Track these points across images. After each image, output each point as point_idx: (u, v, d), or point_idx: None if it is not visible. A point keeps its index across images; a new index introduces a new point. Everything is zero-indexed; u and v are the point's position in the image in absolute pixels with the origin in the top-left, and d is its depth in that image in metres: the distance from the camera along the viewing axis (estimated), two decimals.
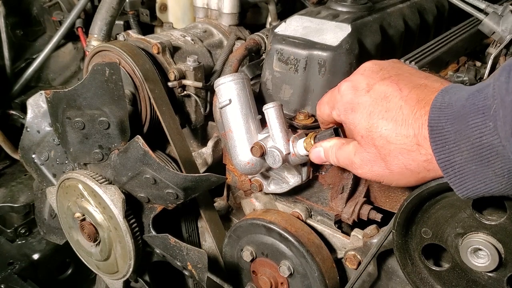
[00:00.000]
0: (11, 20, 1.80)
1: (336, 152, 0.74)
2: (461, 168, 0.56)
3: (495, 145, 0.52)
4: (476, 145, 0.53)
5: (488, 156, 0.53)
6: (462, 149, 0.55)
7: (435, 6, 1.16)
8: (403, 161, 0.62)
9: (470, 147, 0.54)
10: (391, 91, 0.63)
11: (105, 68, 0.90)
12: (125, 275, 1.08)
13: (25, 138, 1.23)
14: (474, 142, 0.54)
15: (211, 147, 1.14)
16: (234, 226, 1.04)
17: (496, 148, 0.52)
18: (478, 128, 0.53)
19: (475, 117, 0.53)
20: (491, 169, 0.54)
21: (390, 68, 0.67)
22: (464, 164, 0.55)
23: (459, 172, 0.56)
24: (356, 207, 0.93)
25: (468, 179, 0.56)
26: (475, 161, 0.54)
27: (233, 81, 0.88)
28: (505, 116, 0.50)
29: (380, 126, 0.63)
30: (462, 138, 0.55)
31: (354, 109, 0.67)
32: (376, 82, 0.65)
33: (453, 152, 0.56)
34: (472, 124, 0.54)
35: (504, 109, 0.51)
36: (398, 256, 0.75)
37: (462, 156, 0.55)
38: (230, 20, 1.24)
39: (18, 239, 1.59)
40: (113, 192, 0.99)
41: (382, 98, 0.63)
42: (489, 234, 0.64)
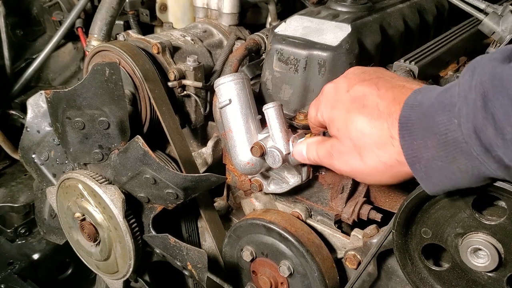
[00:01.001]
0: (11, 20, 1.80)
1: (316, 147, 0.76)
2: (428, 164, 0.58)
3: (459, 141, 0.54)
4: (442, 141, 0.55)
5: (453, 152, 0.55)
6: (429, 146, 0.56)
7: (435, 6, 1.16)
8: (377, 153, 0.63)
9: (437, 143, 0.56)
10: (369, 91, 0.65)
11: (105, 68, 0.90)
12: (125, 275, 1.08)
13: (25, 138, 1.23)
14: (440, 138, 0.55)
15: (211, 147, 1.14)
16: (234, 226, 1.04)
17: (460, 145, 0.54)
18: (444, 125, 0.55)
19: (442, 114, 0.55)
20: (455, 165, 0.55)
21: (372, 72, 0.70)
22: (431, 160, 0.57)
23: (425, 168, 0.58)
24: (356, 207, 0.93)
25: (434, 174, 0.58)
26: (441, 157, 0.56)
27: (233, 81, 0.88)
28: (468, 114, 0.52)
29: (356, 120, 0.65)
30: (429, 135, 0.56)
31: (334, 106, 0.70)
32: (356, 83, 0.68)
33: (420, 148, 0.58)
34: (438, 121, 0.55)
35: (467, 107, 0.52)
36: (398, 256, 0.75)
37: (428, 153, 0.57)
38: (230, 20, 1.24)
39: (18, 239, 1.59)
40: (113, 192, 0.99)
41: (360, 96, 0.66)
42: (489, 234, 0.64)
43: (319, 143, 0.76)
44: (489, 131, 0.51)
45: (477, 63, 0.54)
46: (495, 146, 0.51)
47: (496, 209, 0.65)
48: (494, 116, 0.50)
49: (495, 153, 0.52)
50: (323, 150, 0.75)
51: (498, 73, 0.51)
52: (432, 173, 0.58)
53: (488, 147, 0.52)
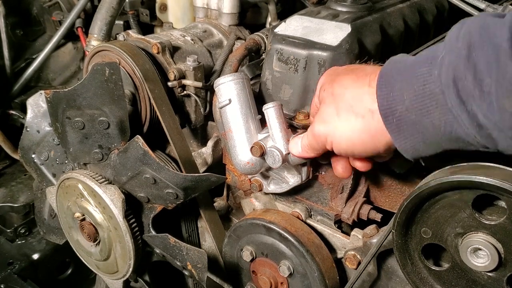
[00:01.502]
0: (11, 20, 1.80)
1: (308, 139, 0.77)
2: (401, 117, 0.58)
3: (436, 93, 0.54)
4: (419, 93, 0.55)
5: (428, 105, 0.55)
6: (405, 98, 0.57)
7: (435, 6, 1.16)
8: (352, 104, 0.64)
9: (413, 95, 0.56)
10: (353, 66, 0.71)
11: (105, 68, 0.90)
12: (125, 275, 1.08)
13: (25, 138, 1.23)
14: (417, 90, 0.55)
15: (211, 147, 1.14)
16: (234, 226, 1.04)
17: (436, 97, 0.54)
18: (423, 77, 0.55)
19: (422, 66, 0.55)
20: (429, 119, 0.55)
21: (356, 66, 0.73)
22: (405, 112, 0.57)
23: (398, 121, 0.58)
24: (356, 207, 0.93)
25: (407, 129, 0.58)
26: (415, 110, 0.56)
27: (233, 81, 0.88)
28: (450, 61, 0.52)
29: (342, 79, 0.68)
30: (407, 87, 0.57)
31: (323, 87, 0.73)
32: (343, 70, 0.72)
33: (395, 100, 0.58)
34: (418, 72, 0.55)
35: (450, 55, 0.52)
36: (398, 256, 0.75)
37: (403, 105, 0.57)
38: (230, 20, 1.24)
39: (18, 239, 1.59)
40: (113, 192, 0.99)
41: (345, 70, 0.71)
42: (488, 234, 0.64)
43: (299, 137, 0.79)
44: (468, 81, 0.51)
45: (468, 18, 0.55)
46: (471, 98, 0.51)
47: (496, 209, 0.65)
48: (476, 66, 0.50)
49: (470, 107, 0.51)
50: (309, 129, 0.75)
51: (486, 24, 0.51)
52: (404, 126, 0.58)
53: (464, 99, 0.52)
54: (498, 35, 0.49)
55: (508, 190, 0.58)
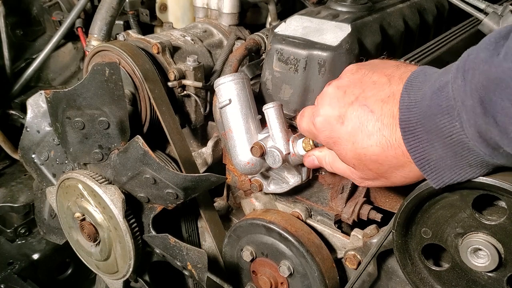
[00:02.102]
0: (11, 20, 1.80)
1: (331, 164, 0.77)
2: (437, 164, 0.59)
3: (465, 142, 0.55)
4: (448, 142, 0.56)
5: (461, 151, 0.56)
6: (436, 147, 0.57)
7: (435, 6, 1.16)
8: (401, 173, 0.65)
9: (443, 144, 0.57)
10: (364, 116, 0.64)
11: (105, 68, 0.90)
12: (125, 275, 1.08)
13: (25, 138, 1.23)
14: (445, 140, 0.56)
15: (211, 147, 1.14)
16: (234, 226, 1.04)
17: (467, 144, 0.55)
18: (447, 128, 0.56)
19: (442, 118, 0.56)
20: (465, 161, 0.57)
21: (352, 86, 0.68)
22: (440, 160, 0.58)
23: (435, 168, 0.59)
24: (356, 207, 0.93)
25: (445, 173, 0.59)
26: (450, 156, 0.57)
27: (233, 81, 0.88)
28: (469, 120, 0.53)
29: (368, 154, 0.65)
30: (434, 137, 0.57)
31: (337, 143, 0.69)
32: (346, 109, 0.66)
33: (427, 150, 0.59)
34: (440, 124, 0.56)
35: (466, 113, 0.53)
36: (398, 256, 0.75)
37: (436, 153, 0.58)
38: (230, 20, 1.24)
39: (18, 239, 1.59)
40: (113, 192, 0.98)
41: (358, 126, 0.65)
42: (489, 234, 0.64)
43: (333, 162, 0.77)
44: (493, 134, 0.51)
45: (467, 64, 0.54)
46: (502, 145, 0.52)
47: (496, 209, 0.65)
48: (495, 119, 0.50)
49: (502, 150, 0.53)
50: (342, 171, 0.75)
51: (493, 74, 0.50)
52: (442, 172, 0.59)
53: (495, 147, 0.53)
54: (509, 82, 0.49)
55: (508, 190, 0.58)
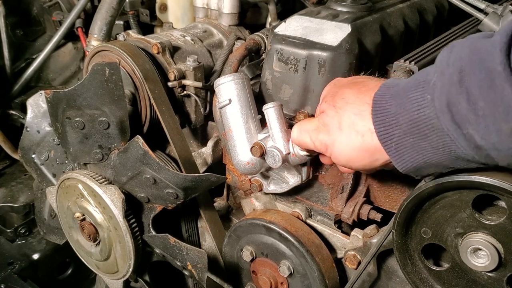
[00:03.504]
0: (11, 20, 1.80)
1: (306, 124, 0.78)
2: (400, 141, 0.58)
3: (431, 117, 0.54)
4: (414, 117, 0.56)
5: (424, 129, 0.55)
6: (401, 122, 0.57)
7: (435, 6, 1.16)
8: (353, 119, 0.64)
9: (408, 119, 0.56)
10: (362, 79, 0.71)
11: (105, 68, 0.90)
12: (125, 275, 1.08)
13: (25, 138, 1.23)
14: (412, 115, 0.56)
15: (211, 147, 1.14)
16: (234, 226, 1.04)
17: (432, 121, 0.54)
18: (417, 101, 0.55)
19: (415, 91, 0.56)
20: (427, 142, 0.56)
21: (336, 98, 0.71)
22: (403, 137, 0.58)
23: (397, 145, 0.59)
24: (356, 207, 0.93)
25: (406, 151, 0.59)
26: (413, 134, 0.57)
27: (233, 81, 0.88)
28: (442, 87, 0.53)
29: (344, 92, 0.68)
30: (401, 111, 0.57)
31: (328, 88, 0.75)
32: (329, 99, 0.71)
33: (392, 125, 0.59)
34: (411, 97, 0.56)
35: (442, 81, 0.53)
36: (398, 256, 0.75)
37: (400, 129, 0.58)
38: (230, 20, 1.24)
39: (18, 239, 1.59)
40: (113, 192, 0.99)
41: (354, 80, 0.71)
42: (488, 234, 0.64)
43: (308, 121, 0.78)
44: (462, 106, 0.51)
45: (457, 42, 0.55)
46: (467, 123, 0.51)
47: (496, 209, 0.65)
48: (468, 90, 0.50)
49: (466, 130, 0.52)
50: (312, 125, 0.75)
51: (477, 48, 0.51)
52: (404, 150, 0.59)
53: (459, 123, 0.52)
54: (490, 59, 0.49)
55: (508, 190, 0.58)
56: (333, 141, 0.69)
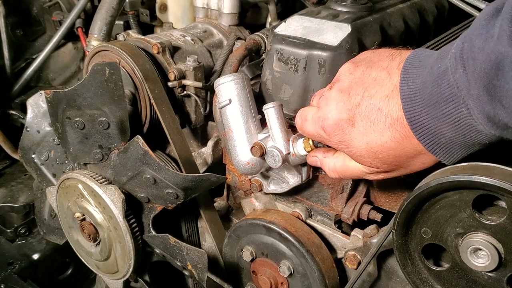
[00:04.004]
0: (11, 20, 1.80)
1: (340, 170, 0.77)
2: (448, 146, 0.61)
3: (474, 125, 0.56)
4: (456, 127, 0.58)
5: (470, 133, 0.58)
6: (444, 132, 0.59)
7: (435, 6, 1.16)
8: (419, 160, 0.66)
9: (451, 129, 0.58)
10: (373, 115, 0.65)
11: (105, 68, 0.90)
12: (125, 275, 1.08)
13: (25, 138, 1.23)
14: (454, 125, 0.58)
15: (211, 147, 1.14)
16: (234, 226, 1.04)
17: (475, 127, 0.56)
18: (454, 114, 0.57)
19: (447, 105, 0.57)
20: (474, 141, 0.59)
21: (355, 86, 0.68)
22: (450, 142, 0.60)
23: (446, 150, 0.62)
24: (356, 207, 0.93)
25: (456, 152, 0.62)
26: (459, 138, 0.59)
27: (233, 81, 0.88)
28: (477, 107, 0.54)
29: (385, 150, 0.66)
30: (441, 123, 0.59)
31: (350, 145, 0.69)
32: (354, 111, 0.67)
33: (436, 136, 0.60)
34: (447, 111, 0.58)
35: (473, 101, 0.54)
36: (398, 256, 0.75)
37: (445, 138, 0.60)
38: (230, 20, 1.24)
39: (18, 239, 1.59)
40: (113, 192, 0.99)
41: (370, 125, 0.66)
42: (489, 234, 0.64)
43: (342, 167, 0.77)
44: (501, 116, 0.53)
45: (464, 53, 0.55)
46: (511, 124, 0.53)
47: (496, 209, 0.65)
48: (502, 102, 0.52)
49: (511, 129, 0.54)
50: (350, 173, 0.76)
51: (492, 61, 0.51)
52: (454, 152, 0.62)
53: (504, 127, 0.54)
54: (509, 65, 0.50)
55: (508, 190, 0.58)
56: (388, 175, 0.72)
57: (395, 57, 0.67)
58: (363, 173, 0.74)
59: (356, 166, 0.74)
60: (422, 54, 0.63)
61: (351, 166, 0.75)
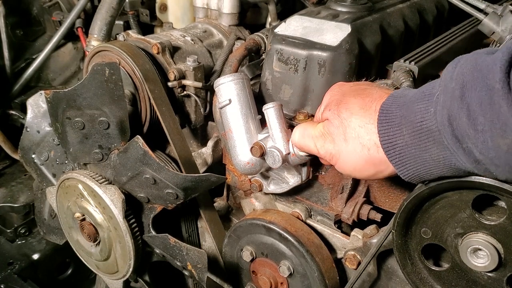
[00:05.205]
0: (11, 20, 1.80)
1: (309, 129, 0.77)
2: (402, 151, 0.60)
3: (432, 130, 0.55)
4: (417, 129, 0.57)
5: (426, 141, 0.56)
6: (404, 133, 0.58)
7: (435, 6, 1.16)
8: (359, 132, 0.65)
9: (411, 131, 0.58)
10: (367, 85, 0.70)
11: (105, 68, 0.90)
12: (125, 275, 1.08)
13: (25, 138, 1.23)
14: (415, 126, 0.57)
15: (211, 147, 1.14)
16: (234, 226, 1.04)
17: (433, 134, 0.55)
18: (421, 113, 0.56)
19: (420, 103, 0.57)
20: (428, 154, 0.57)
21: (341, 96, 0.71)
22: (405, 147, 0.59)
23: (400, 155, 0.60)
24: (356, 207, 0.93)
25: (409, 162, 0.60)
26: (415, 145, 0.58)
27: (233, 81, 0.88)
28: (445, 101, 0.54)
29: (349, 101, 0.67)
30: (406, 122, 0.58)
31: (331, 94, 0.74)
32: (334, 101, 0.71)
33: (396, 135, 0.60)
34: (416, 109, 0.57)
35: (445, 95, 0.54)
36: (398, 256, 0.75)
37: (403, 140, 0.59)
38: (230, 20, 1.24)
39: (18, 239, 1.59)
40: (113, 192, 0.99)
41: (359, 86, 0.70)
42: (488, 234, 0.64)
43: (312, 125, 0.77)
44: (462, 121, 0.52)
45: (462, 57, 0.56)
46: (466, 137, 0.52)
47: (496, 209, 0.65)
48: (469, 106, 0.51)
49: (466, 144, 0.53)
50: (316, 131, 0.75)
51: (479, 64, 0.52)
52: (406, 160, 0.60)
53: (459, 138, 0.53)
54: (490, 76, 0.50)
55: (508, 190, 0.58)
56: (338, 152, 0.70)
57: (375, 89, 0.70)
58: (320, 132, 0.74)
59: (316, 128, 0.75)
60: None
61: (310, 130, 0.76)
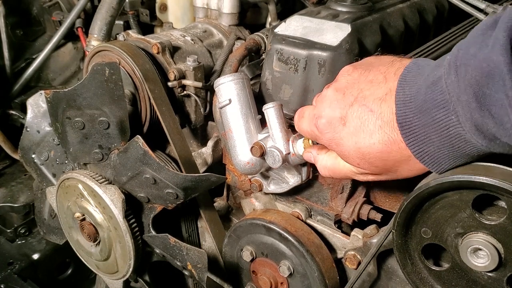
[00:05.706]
0: (11, 20, 1.80)
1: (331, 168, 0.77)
2: (436, 155, 0.61)
3: (462, 134, 0.56)
4: (445, 135, 0.58)
5: (458, 143, 0.58)
6: (433, 140, 0.59)
7: (435, 6, 1.16)
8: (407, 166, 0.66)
9: (440, 137, 0.59)
10: (364, 116, 0.65)
11: (105, 68, 0.90)
12: (125, 275, 1.08)
13: (25, 138, 1.23)
14: (442, 133, 0.58)
15: (211, 147, 1.14)
16: (234, 226, 1.04)
17: (464, 137, 0.57)
18: (443, 121, 0.57)
19: (437, 112, 0.57)
20: (462, 152, 0.59)
21: (350, 87, 0.68)
22: (437, 151, 0.60)
23: (434, 159, 0.62)
24: (356, 207, 0.93)
25: (444, 161, 0.62)
26: (447, 147, 0.59)
27: (233, 81, 0.88)
28: (465, 114, 0.55)
29: (372, 152, 0.66)
30: (431, 130, 0.59)
31: (339, 144, 0.69)
32: (346, 110, 0.67)
33: (425, 143, 0.61)
34: (437, 118, 0.58)
35: (462, 108, 0.55)
36: (398, 256, 0.75)
37: (434, 146, 0.60)
38: (230, 20, 1.24)
39: (18, 239, 1.59)
40: (113, 192, 0.99)
41: (360, 126, 0.66)
42: (489, 234, 0.64)
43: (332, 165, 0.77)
44: (489, 126, 0.53)
45: (458, 59, 0.55)
46: (498, 136, 0.53)
47: (496, 209, 0.65)
48: (491, 112, 0.52)
49: (499, 140, 0.54)
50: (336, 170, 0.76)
51: (484, 69, 0.51)
52: (441, 161, 0.62)
53: (491, 138, 0.54)
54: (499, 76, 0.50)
55: (508, 190, 0.58)
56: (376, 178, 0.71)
57: (395, 64, 0.67)
58: (352, 173, 0.74)
59: (346, 166, 0.74)
60: (422, 63, 0.64)
61: (342, 165, 0.75)
